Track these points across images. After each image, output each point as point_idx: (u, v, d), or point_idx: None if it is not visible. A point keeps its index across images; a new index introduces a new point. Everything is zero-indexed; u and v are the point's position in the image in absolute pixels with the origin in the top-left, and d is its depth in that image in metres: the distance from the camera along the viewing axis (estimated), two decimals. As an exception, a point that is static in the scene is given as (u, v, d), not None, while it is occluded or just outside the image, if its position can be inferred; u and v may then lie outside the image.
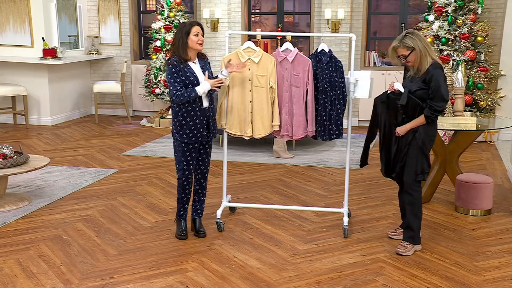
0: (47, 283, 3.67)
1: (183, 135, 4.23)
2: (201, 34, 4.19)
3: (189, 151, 4.28)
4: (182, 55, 4.16)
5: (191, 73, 4.19)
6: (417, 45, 3.95)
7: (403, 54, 4.01)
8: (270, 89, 4.53)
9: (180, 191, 4.39)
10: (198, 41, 4.17)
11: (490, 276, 3.83)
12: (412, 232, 4.16)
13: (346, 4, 8.85)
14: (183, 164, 4.30)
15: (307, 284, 3.69)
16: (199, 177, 4.49)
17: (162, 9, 9.05)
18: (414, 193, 4.14)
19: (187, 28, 4.15)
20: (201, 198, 4.56)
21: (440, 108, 3.96)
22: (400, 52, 4.02)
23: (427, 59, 3.98)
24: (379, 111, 4.25)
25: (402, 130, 4.07)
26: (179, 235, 4.44)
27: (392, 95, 4.13)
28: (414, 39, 3.96)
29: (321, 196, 5.55)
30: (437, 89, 3.93)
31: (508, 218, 4.97)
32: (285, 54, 4.55)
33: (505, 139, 8.07)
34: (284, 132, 4.64)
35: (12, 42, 9.02)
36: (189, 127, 4.22)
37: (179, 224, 4.48)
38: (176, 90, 4.12)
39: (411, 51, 3.97)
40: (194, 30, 4.15)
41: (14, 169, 4.96)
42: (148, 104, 9.95)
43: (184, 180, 4.34)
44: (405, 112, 4.07)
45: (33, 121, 9.10)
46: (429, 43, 4.13)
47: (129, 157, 7.06)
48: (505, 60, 8.11)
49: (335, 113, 4.59)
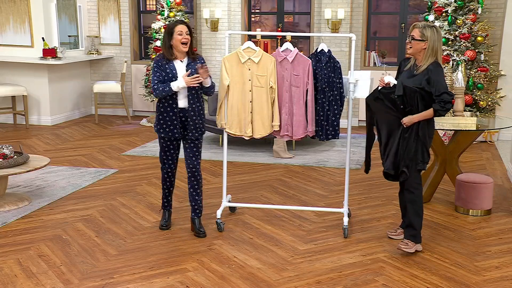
0: (47, 283, 3.67)
1: (160, 129, 4.37)
2: (185, 33, 4.21)
3: (167, 147, 4.44)
4: (167, 54, 4.27)
5: (171, 69, 4.27)
6: (431, 40, 3.99)
7: (414, 35, 4.04)
8: (270, 89, 4.53)
9: (162, 182, 4.62)
10: (182, 39, 4.20)
11: (490, 276, 3.83)
12: (414, 231, 4.16)
13: (346, 4, 8.85)
14: (162, 158, 4.50)
15: (307, 284, 3.69)
16: (190, 175, 4.45)
17: (162, 9, 9.05)
18: (415, 191, 4.14)
19: (171, 27, 4.24)
20: (196, 198, 4.48)
21: (448, 100, 3.95)
22: (414, 33, 4.06)
23: (431, 59, 4.00)
24: (374, 110, 4.21)
25: (409, 120, 4.02)
26: (160, 226, 4.64)
27: (384, 90, 4.07)
28: (433, 35, 3.99)
29: (321, 196, 5.55)
30: (440, 88, 3.93)
31: (508, 218, 4.97)
32: (285, 54, 4.56)
33: (505, 139, 8.07)
34: (284, 132, 4.64)
35: (12, 42, 9.03)
36: (165, 122, 4.33)
37: (163, 215, 4.70)
38: (154, 84, 4.26)
39: (421, 40, 4.01)
40: (177, 29, 4.22)
41: (14, 169, 4.96)
42: (148, 104, 9.95)
43: (164, 173, 4.55)
44: (403, 103, 4.02)
45: (33, 121, 9.10)
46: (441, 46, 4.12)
47: (129, 157, 7.06)
48: (505, 60, 8.11)
49: (332, 114, 4.59)
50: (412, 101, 4.00)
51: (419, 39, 4.03)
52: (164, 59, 4.28)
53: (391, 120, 4.11)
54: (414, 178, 4.13)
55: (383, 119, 4.17)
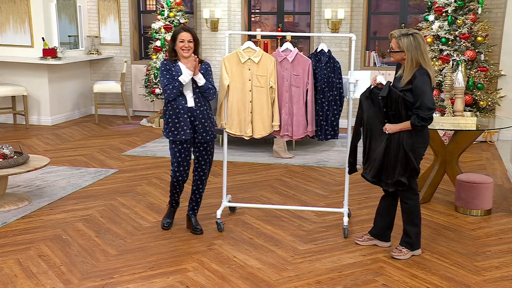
0: (47, 283, 3.67)
1: (169, 132, 4.33)
2: (187, 41, 4.25)
3: (179, 151, 4.36)
4: (170, 58, 4.35)
5: (177, 71, 4.30)
6: (409, 51, 3.80)
7: (392, 47, 3.92)
8: (270, 89, 4.53)
9: (171, 189, 4.56)
10: (182, 47, 4.26)
11: (490, 276, 3.83)
12: (409, 239, 4.10)
13: (346, 4, 8.85)
14: (174, 163, 4.42)
15: (307, 284, 3.69)
16: (196, 178, 4.51)
17: (162, 9, 9.05)
18: (410, 202, 4.04)
19: (175, 33, 4.31)
20: (198, 199, 4.59)
21: (427, 116, 3.77)
22: (392, 43, 3.92)
23: (412, 68, 3.82)
24: (364, 109, 4.05)
25: (392, 128, 3.87)
26: (162, 225, 4.63)
27: (376, 90, 3.96)
28: (410, 44, 3.80)
29: (321, 196, 5.55)
30: (421, 98, 3.76)
31: (508, 218, 4.97)
32: (285, 54, 4.56)
33: (505, 139, 8.07)
34: (284, 132, 4.64)
35: (12, 42, 9.03)
36: (174, 125, 4.31)
37: (167, 213, 4.68)
38: (164, 85, 4.27)
39: (399, 51, 3.87)
40: (179, 36, 4.28)
41: (14, 169, 4.96)
42: (148, 104, 9.95)
43: (175, 181, 4.47)
44: (386, 105, 3.87)
45: (33, 121, 9.10)
46: (427, 52, 3.87)
47: (129, 157, 7.06)
48: (505, 60, 8.11)
49: (331, 114, 4.59)
50: (396, 106, 3.84)
51: (396, 50, 3.88)
52: (171, 61, 4.33)
53: (376, 122, 3.97)
54: (410, 188, 4.02)
55: (370, 121, 4.02)
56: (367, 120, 4.05)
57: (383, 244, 4.28)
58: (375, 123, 4.00)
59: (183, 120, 4.29)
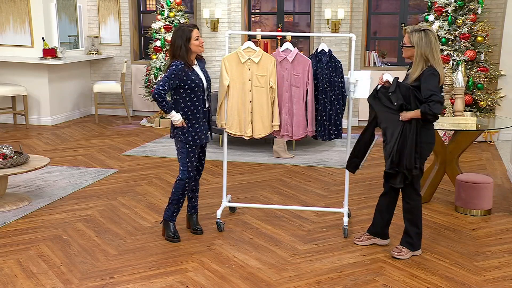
0: (47, 283, 3.67)
1: (189, 137, 4.25)
2: (199, 36, 4.24)
3: (193, 152, 4.33)
4: (188, 61, 4.18)
5: (196, 75, 4.23)
6: (419, 46, 3.83)
7: (404, 41, 3.97)
8: (270, 89, 4.53)
9: (178, 192, 4.34)
10: (200, 44, 4.22)
11: (490, 276, 3.83)
12: (410, 239, 4.10)
13: (346, 4, 8.85)
14: (187, 165, 4.30)
15: (307, 284, 3.69)
16: (196, 178, 4.55)
17: (162, 9, 9.05)
18: (412, 202, 4.04)
19: (187, 34, 4.15)
20: (196, 194, 4.62)
21: (437, 111, 3.78)
22: (405, 38, 3.97)
23: (421, 64, 3.85)
24: (375, 109, 4.06)
25: (406, 116, 3.86)
26: (173, 237, 4.36)
27: (383, 89, 3.97)
28: (421, 40, 3.83)
29: (321, 196, 5.55)
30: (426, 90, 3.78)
31: (508, 218, 4.97)
32: (285, 54, 4.56)
33: (505, 139, 8.07)
34: (284, 132, 4.64)
35: (12, 42, 9.02)
36: (194, 130, 4.26)
37: (168, 226, 4.40)
38: (163, 89, 4.09)
39: (410, 46, 3.91)
40: (194, 34, 4.18)
41: (14, 169, 4.96)
42: (148, 104, 9.95)
43: (187, 182, 4.32)
44: (397, 100, 3.87)
45: (33, 121, 9.10)
46: (438, 50, 3.88)
47: (129, 157, 7.06)
48: (505, 60, 8.11)
49: (334, 113, 4.59)
50: (407, 100, 3.86)
51: (408, 45, 3.92)
52: (187, 67, 4.17)
53: (390, 118, 3.97)
54: (413, 189, 4.02)
55: (384, 119, 4.04)
56: (382, 121, 4.04)
57: (382, 242, 4.29)
58: (391, 120, 3.96)
59: (202, 125, 4.31)
